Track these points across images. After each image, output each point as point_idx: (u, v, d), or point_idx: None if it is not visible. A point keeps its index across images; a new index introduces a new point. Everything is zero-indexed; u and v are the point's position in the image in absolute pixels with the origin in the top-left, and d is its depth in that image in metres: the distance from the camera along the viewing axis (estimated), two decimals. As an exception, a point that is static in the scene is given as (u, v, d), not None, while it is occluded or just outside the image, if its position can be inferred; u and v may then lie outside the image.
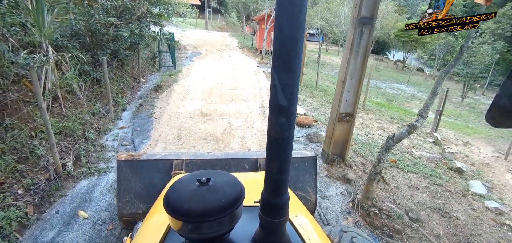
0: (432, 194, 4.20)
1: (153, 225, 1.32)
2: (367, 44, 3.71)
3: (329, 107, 7.86)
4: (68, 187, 3.48)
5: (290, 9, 0.63)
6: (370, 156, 5.04)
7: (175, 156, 2.41)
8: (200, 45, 16.03)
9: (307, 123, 5.75)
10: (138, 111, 6.11)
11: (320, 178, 3.96)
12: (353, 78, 3.89)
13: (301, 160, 2.49)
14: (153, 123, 5.55)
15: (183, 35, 18.18)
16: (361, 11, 3.53)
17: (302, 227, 1.21)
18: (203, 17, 31.15)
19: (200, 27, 29.93)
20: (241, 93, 7.81)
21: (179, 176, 1.35)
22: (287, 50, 0.66)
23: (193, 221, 0.85)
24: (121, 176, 2.31)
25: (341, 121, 4.07)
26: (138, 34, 6.38)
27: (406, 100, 12.60)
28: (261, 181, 0.90)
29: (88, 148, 4.27)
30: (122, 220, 2.37)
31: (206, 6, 28.47)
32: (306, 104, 7.63)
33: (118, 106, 6.12)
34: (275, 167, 0.81)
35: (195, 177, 0.95)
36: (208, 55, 13.65)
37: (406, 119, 8.55)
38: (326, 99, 8.68)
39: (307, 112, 6.70)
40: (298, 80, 0.71)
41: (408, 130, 2.92)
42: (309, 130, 5.70)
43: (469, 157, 6.61)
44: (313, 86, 9.81)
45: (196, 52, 14.21)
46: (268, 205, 0.87)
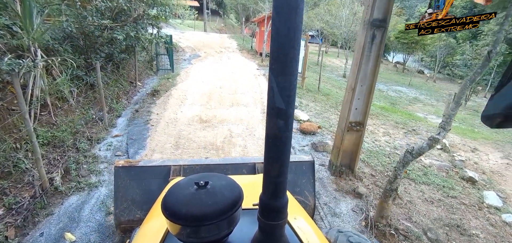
0: (447, 208, 3.93)
1: (151, 229, 1.30)
2: (380, 48, 3.45)
3: (332, 112, 7.60)
4: (55, 205, 3.18)
5: (286, 12, 0.62)
6: (379, 165, 4.78)
7: (172, 162, 2.40)
8: (199, 47, 15.75)
9: (311, 130, 5.48)
10: (134, 118, 5.82)
11: (329, 193, 3.68)
12: (364, 85, 3.63)
13: (299, 164, 2.47)
14: (149, 130, 5.26)
15: (181, 37, 17.91)
16: (373, 13, 3.27)
17: (301, 229, 1.20)
18: (202, 19, 30.92)
19: (199, 29, 29.68)
20: (242, 97, 7.53)
21: (177, 180, 1.30)
22: (284, 52, 0.65)
23: (192, 225, 0.84)
24: (118, 182, 2.28)
25: (351, 130, 3.81)
26: (134, 37, 6.10)
27: (409, 104, 12.37)
28: (259, 184, 0.87)
29: (79, 159, 3.97)
30: (119, 227, 2.32)
31: (205, 8, 28.23)
32: (309, 109, 7.36)
33: (113, 113, 5.82)
34: (273, 169, 0.80)
35: (193, 180, 0.94)
36: (207, 57, 13.37)
37: (411, 124, 8.30)
38: (329, 103, 8.42)
39: (311, 118, 6.43)
40: (295, 82, 0.70)
41: (429, 144, 2.65)
42: (313, 138, 5.43)
43: (478, 164, 6.36)
44: (315, 90, 9.55)
45: (194, 54, 13.93)
46: (266, 207, 0.86)
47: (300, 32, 0.66)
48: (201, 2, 31.10)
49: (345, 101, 3.80)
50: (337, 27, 16.38)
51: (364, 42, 3.40)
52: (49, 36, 4.97)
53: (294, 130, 5.70)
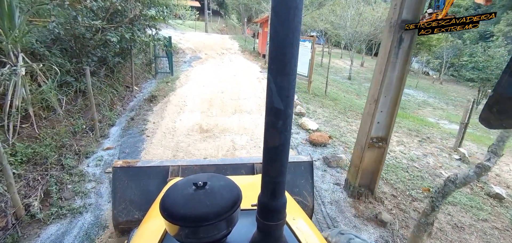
0: (480, 235, 3.45)
1: (149, 230, 1.30)
2: (408, 54, 2.97)
3: (342, 119, 7.12)
4: (31, 237, 2.73)
5: (285, 12, 0.62)
6: (399, 182, 4.30)
7: (171, 162, 2.40)
8: (200, 48, 15.30)
9: (322, 141, 5.00)
10: (128, 127, 5.36)
11: (348, 219, 3.21)
12: (388, 96, 3.15)
13: (297, 164, 2.46)
14: (144, 142, 4.80)
15: (181, 38, 17.46)
16: (401, 13, 2.80)
17: (299, 230, 1.20)
18: (203, 19, 30.47)
19: (200, 29, 29.27)
20: (245, 103, 7.06)
21: (175, 180, 1.30)
22: (283, 53, 0.65)
23: (190, 226, 0.84)
24: (116, 183, 2.28)
25: (372, 147, 3.33)
26: (129, 39, 5.64)
27: (419, 108, 11.87)
28: (258, 184, 0.86)
29: (63, 178, 3.51)
30: (118, 228, 2.31)
31: (206, 8, 27.76)
32: (317, 116, 6.89)
33: (105, 121, 5.37)
34: (272, 170, 0.79)
35: (191, 180, 0.94)
36: (207, 59, 12.91)
37: (424, 131, 7.81)
38: (337, 109, 7.94)
39: (320, 127, 5.96)
40: (294, 83, 0.70)
41: (478, 172, 2.18)
42: (324, 150, 4.95)
43: (501, 177, 5.87)
44: (322, 94, 9.08)
45: (195, 56, 13.47)
46: (265, 208, 0.84)
47: (299, 32, 0.65)
48: (202, 2, 30.65)
49: (366, 114, 3.32)
50: (342, 28, 15.88)
51: (390, 46, 2.93)
52: (35, 39, 4.52)
53: (302, 141, 5.23)
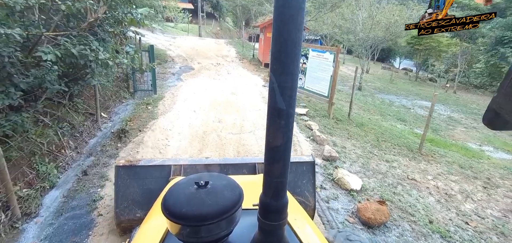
0: None
1: (151, 228, 1.30)
2: None
3: (380, 158, 5.32)
4: None
5: (288, 11, 0.62)
6: None
7: (173, 161, 2.43)
8: (192, 56, 13.38)
9: (379, 219, 3.15)
10: (75, 192, 3.45)
11: None
12: None
13: (299, 164, 2.50)
14: (94, 224, 2.89)
15: (172, 44, 15.52)
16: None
17: (301, 230, 1.20)
18: (196, 22, 28.50)
19: (193, 33, 27.38)
20: (250, 140, 5.19)
21: (177, 179, 1.31)
22: (286, 52, 0.65)
23: (192, 225, 0.83)
24: (119, 182, 2.31)
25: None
26: (79, 55, 3.71)
27: (449, 127, 10.16)
28: (259, 184, 0.87)
29: None
30: (120, 226, 2.35)
31: (200, 11, 25.81)
32: (348, 155, 5.06)
33: (38, 183, 3.43)
34: (274, 170, 0.80)
35: (193, 180, 0.94)
36: (200, 71, 10.96)
37: (477, 167, 6.06)
38: (369, 140, 6.12)
39: (359, 172, 4.13)
40: (296, 82, 0.70)
41: None
42: (388, 237, 3.10)
43: None
44: (344, 118, 7.25)
45: (186, 66, 11.53)
46: (267, 208, 0.85)
47: (302, 32, 0.65)
48: (196, 4, 28.70)
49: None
50: (353, 33, 14.19)
51: None
52: None
53: (348, 217, 3.35)
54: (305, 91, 7.46)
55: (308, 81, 7.27)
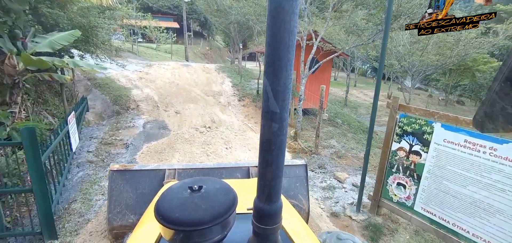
0: None
1: (143, 234, 1.26)
2: None
3: None
4: None
5: (281, 16, 0.63)
6: None
7: (167, 166, 2.40)
8: (168, 98, 9.02)
9: None
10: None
11: None
12: None
13: (291, 167, 2.50)
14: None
15: (143, 77, 11.10)
16: None
17: (295, 234, 1.18)
18: (182, 42, 24.34)
19: (178, 55, 23.14)
20: None
21: (171, 183, 1.23)
22: (279, 56, 0.66)
23: (185, 230, 0.80)
24: (112, 186, 2.24)
25: None
26: None
27: None
28: (253, 188, 0.85)
29: None
30: (112, 233, 2.22)
31: (185, 30, 21.68)
32: None
33: None
34: (268, 173, 0.78)
35: (187, 184, 0.92)
36: (180, 135, 6.56)
37: None
38: None
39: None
40: (290, 86, 0.70)
41: None
42: None
43: None
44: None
45: (154, 122, 7.11)
46: (261, 212, 0.83)
47: (295, 37, 0.66)
48: (181, 23, 24.67)
49: None
50: (394, 56, 10.25)
51: None
52: None
53: None
54: (419, 219, 3.14)
55: (427, 199, 2.98)
